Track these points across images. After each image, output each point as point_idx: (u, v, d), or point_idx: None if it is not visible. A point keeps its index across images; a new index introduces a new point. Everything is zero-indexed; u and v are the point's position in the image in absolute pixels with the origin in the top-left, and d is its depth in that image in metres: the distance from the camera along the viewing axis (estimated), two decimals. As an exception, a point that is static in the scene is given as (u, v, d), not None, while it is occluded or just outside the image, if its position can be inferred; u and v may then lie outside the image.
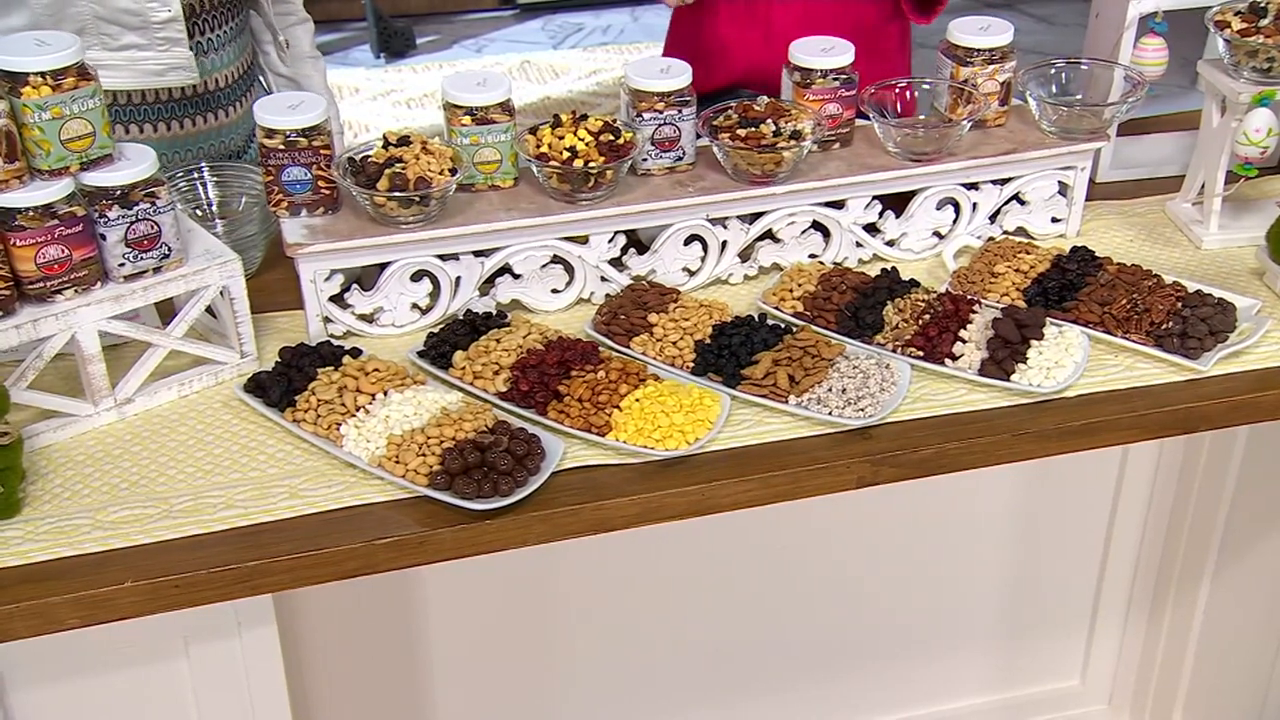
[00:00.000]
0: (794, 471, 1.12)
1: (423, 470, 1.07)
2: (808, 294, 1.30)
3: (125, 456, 1.13)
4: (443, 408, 1.14)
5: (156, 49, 1.30)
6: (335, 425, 1.12)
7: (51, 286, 1.10)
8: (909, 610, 1.71)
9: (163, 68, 1.32)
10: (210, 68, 1.43)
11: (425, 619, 1.46)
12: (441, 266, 1.27)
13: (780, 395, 1.17)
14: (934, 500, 1.61)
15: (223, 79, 1.46)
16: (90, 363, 1.14)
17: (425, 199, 1.23)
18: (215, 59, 1.44)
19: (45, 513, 1.06)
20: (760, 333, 1.22)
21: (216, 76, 1.45)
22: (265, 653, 1.14)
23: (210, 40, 1.41)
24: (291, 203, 1.26)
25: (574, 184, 1.27)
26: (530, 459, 1.08)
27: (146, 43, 1.30)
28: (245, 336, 1.22)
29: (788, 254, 1.38)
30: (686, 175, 1.34)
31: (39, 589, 0.99)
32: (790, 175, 1.33)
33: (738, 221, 1.35)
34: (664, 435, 1.11)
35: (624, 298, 1.29)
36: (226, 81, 1.47)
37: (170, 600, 1.01)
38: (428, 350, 1.23)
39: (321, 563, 1.03)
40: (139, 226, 1.13)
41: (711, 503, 1.11)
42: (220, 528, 1.05)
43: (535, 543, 1.07)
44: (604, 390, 1.15)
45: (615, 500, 1.08)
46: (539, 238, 1.28)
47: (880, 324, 1.26)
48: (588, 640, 1.57)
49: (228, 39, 1.45)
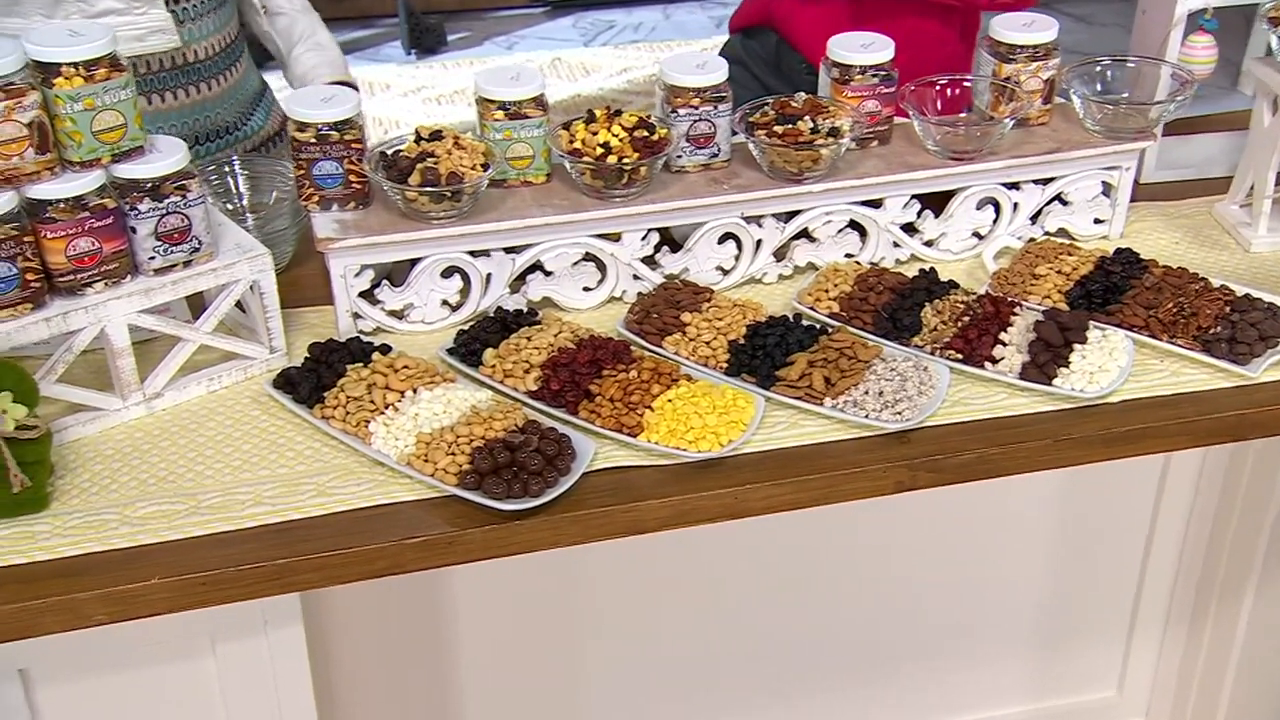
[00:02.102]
0: (829, 475, 1.11)
1: (452, 469, 1.07)
2: (844, 294, 1.29)
3: (154, 451, 1.13)
4: (472, 406, 1.13)
5: (134, 12, 1.28)
6: (364, 422, 1.12)
7: (82, 279, 1.10)
8: (943, 616, 1.69)
9: (142, 32, 1.29)
10: (189, 38, 1.41)
11: (452, 619, 1.46)
12: (472, 263, 1.26)
13: (815, 397, 1.16)
14: (969, 505, 1.59)
15: (203, 50, 1.44)
16: (119, 356, 1.14)
17: (457, 194, 1.22)
18: (195, 29, 1.41)
19: (74, 507, 1.07)
20: (795, 333, 1.21)
21: (196, 48, 1.43)
22: (292, 651, 1.14)
23: (188, 9, 1.39)
24: (322, 197, 1.25)
25: (607, 180, 1.27)
26: (561, 459, 1.07)
27: (124, 6, 1.28)
28: (275, 331, 1.22)
29: (824, 253, 1.37)
30: (721, 172, 1.34)
31: (67, 584, 0.99)
32: (827, 173, 1.32)
33: (773, 220, 1.34)
34: (697, 437, 1.11)
35: (657, 296, 1.28)
36: (208, 53, 1.45)
37: (198, 597, 1.01)
38: (458, 347, 1.23)
39: (350, 561, 1.03)
40: (169, 219, 1.13)
41: (745, 506, 1.10)
42: (248, 525, 1.05)
43: (566, 544, 1.06)
44: (636, 390, 1.14)
45: (647, 502, 1.07)
46: (571, 235, 1.28)
47: (918, 326, 1.25)
48: (616, 642, 1.56)
49: (208, 8, 1.43)
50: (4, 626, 0.98)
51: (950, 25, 1.76)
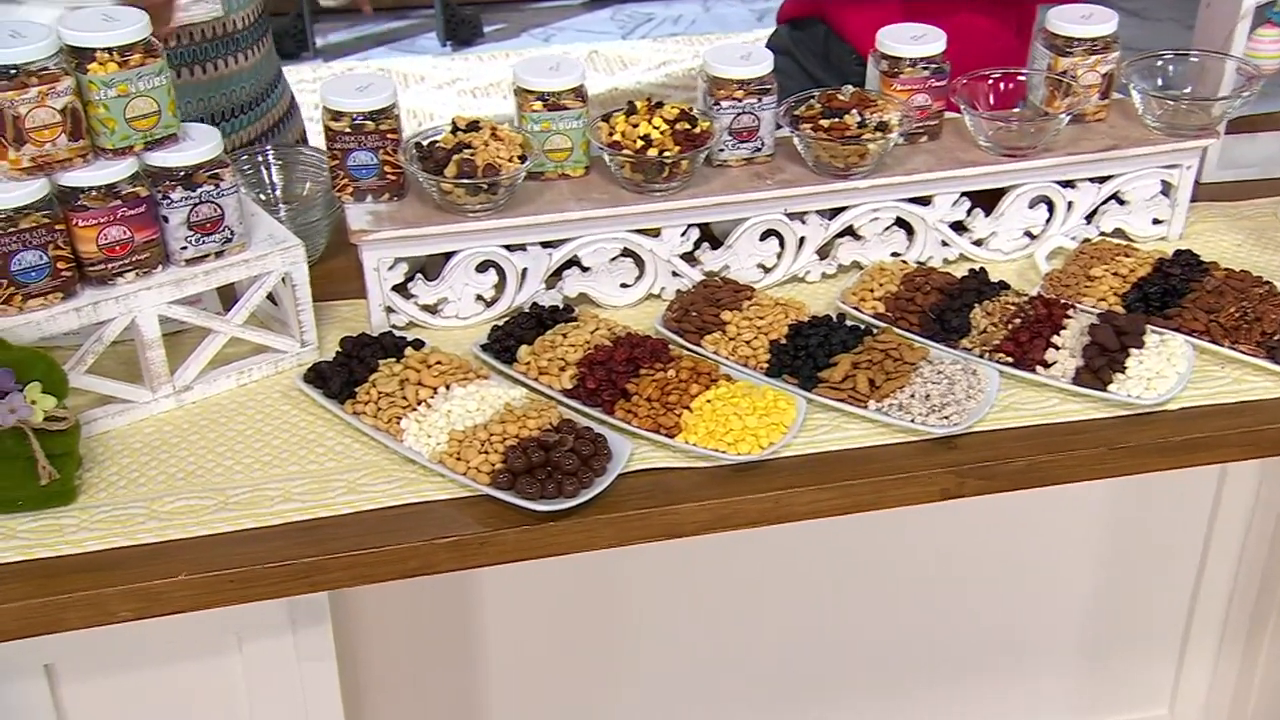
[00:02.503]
0: (874, 481, 1.09)
1: (485, 468, 1.06)
2: (890, 294, 1.28)
3: (183, 445, 1.13)
4: (506, 404, 1.13)
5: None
6: (396, 419, 1.12)
7: (113, 269, 1.11)
8: (988, 628, 1.67)
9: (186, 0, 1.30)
10: (230, 7, 1.42)
11: (482, 621, 1.46)
12: (508, 257, 1.26)
13: (859, 400, 1.15)
14: (1017, 514, 1.56)
15: (241, 20, 1.45)
16: (150, 348, 1.14)
17: (493, 187, 1.22)
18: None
19: (101, 501, 1.07)
20: (839, 334, 1.20)
21: (235, 18, 1.44)
22: (319, 652, 1.14)
23: None
24: (356, 188, 1.25)
25: (647, 174, 1.26)
26: (596, 459, 1.07)
27: None
28: (306, 325, 1.22)
29: (869, 252, 1.36)
30: (765, 167, 1.33)
31: (93, 579, 0.99)
32: (874, 169, 1.31)
33: (817, 217, 1.33)
34: (736, 439, 1.10)
35: (696, 294, 1.28)
36: (245, 23, 1.46)
37: (225, 595, 1.01)
38: (492, 344, 1.22)
39: (380, 561, 1.03)
40: (202, 209, 1.13)
41: (786, 510, 1.09)
42: (277, 522, 1.04)
43: (601, 547, 1.06)
44: (674, 390, 1.13)
45: (685, 505, 1.06)
46: (609, 229, 1.27)
47: (967, 327, 1.23)
48: (650, 647, 1.56)
49: None
50: (29, 621, 0.98)
51: (1005, 20, 1.74)
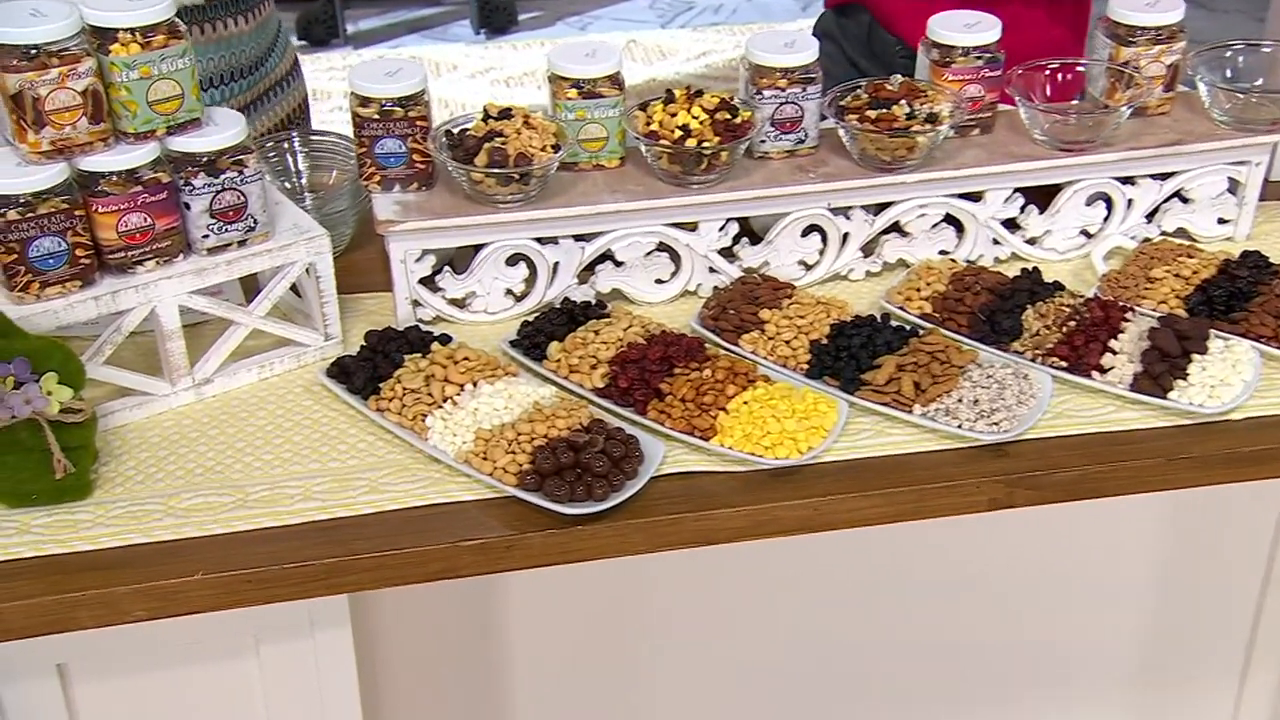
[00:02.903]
0: (918, 490, 1.09)
1: (512, 469, 1.06)
2: (937, 294, 1.27)
3: (201, 440, 1.14)
4: (535, 402, 1.13)
5: None
6: (421, 416, 1.12)
7: (133, 257, 1.11)
8: (1034, 648, 1.64)
9: None
10: None
11: (507, 627, 1.45)
12: (539, 250, 1.26)
13: (904, 404, 1.14)
14: (1069, 527, 1.54)
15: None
16: (169, 339, 1.15)
17: (525, 177, 1.22)
18: None
19: (117, 496, 1.07)
20: (883, 334, 1.20)
21: None
22: (339, 655, 1.14)
23: None
24: (384, 177, 1.25)
25: (685, 166, 1.26)
26: (628, 461, 1.06)
27: None
28: (330, 318, 1.22)
29: (916, 249, 1.35)
30: (808, 160, 1.32)
31: (107, 577, 1.00)
32: (923, 163, 1.30)
33: (862, 212, 1.32)
34: (774, 442, 1.09)
35: (734, 291, 1.27)
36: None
37: (242, 596, 1.01)
38: (521, 340, 1.22)
39: (402, 563, 1.03)
40: (225, 196, 1.13)
41: (826, 518, 1.08)
42: (297, 521, 1.05)
43: (632, 553, 1.05)
44: (709, 390, 1.13)
45: (720, 511, 1.06)
46: (645, 223, 1.27)
47: (1018, 330, 1.22)
48: (679, 655, 1.55)
49: None
50: (41, 619, 0.99)
51: (1057, 12, 1.72)
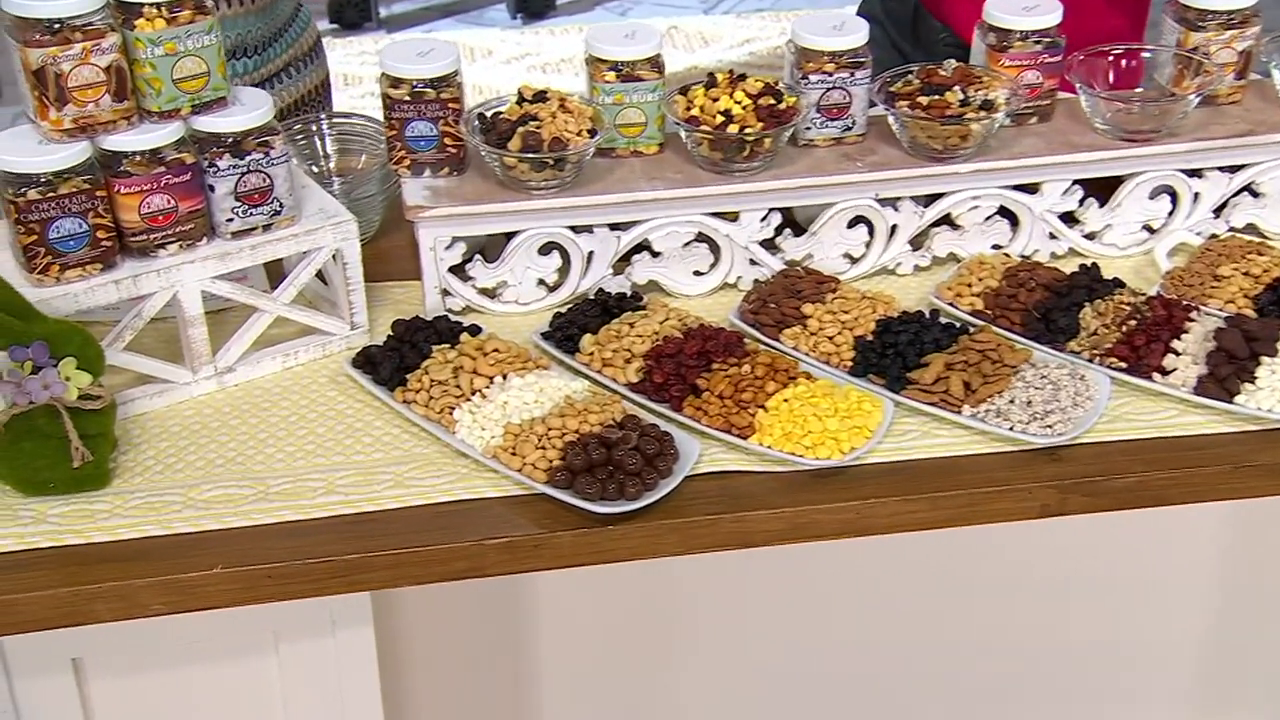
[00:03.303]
0: (967, 494, 1.08)
1: (542, 465, 1.06)
2: (990, 290, 1.26)
3: (223, 430, 1.14)
4: (567, 396, 1.12)
5: None
6: (449, 409, 1.12)
7: (155, 240, 1.12)
8: (1083, 665, 1.63)
9: None
10: None
11: (534, 628, 1.45)
12: (573, 239, 1.25)
13: (953, 404, 1.13)
14: (1124, 537, 1.52)
15: None
16: (191, 325, 1.15)
17: (560, 162, 1.21)
18: None
19: (135, 486, 1.08)
20: (932, 331, 1.19)
21: None
22: (360, 655, 1.14)
23: None
24: (414, 161, 1.25)
25: (727, 153, 1.25)
26: (662, 459, 1.06)
27: None
28: (357, 306, 1.22)
29: (968, 243, 1.34)
30: (855, 148, 1.31)
31: (124, 569, 1.00)
32: (977, 152, 1.29)
33: (911, 203, 1.31)
34: (815, 442, 1.09)
35: (775, 284, 1.27)
36: None
37: (262, 591, 1.02)
38: (553, 332, 1.22)
39: (427, 561, 1.03)
40: (250, 178, 1.13)
41: (868, 522, 1.08)
42: (319, 515, 1.05)
43: (665, 555, 1.05)
44: (748, 387, 1.13)
45: (758, 513, 1.06)
46: (684, 212, 1.26)
47: (1075, 329, 1.21)
48: (713, 661, 1.54)
49: None
50: (56, 612, 0.99)
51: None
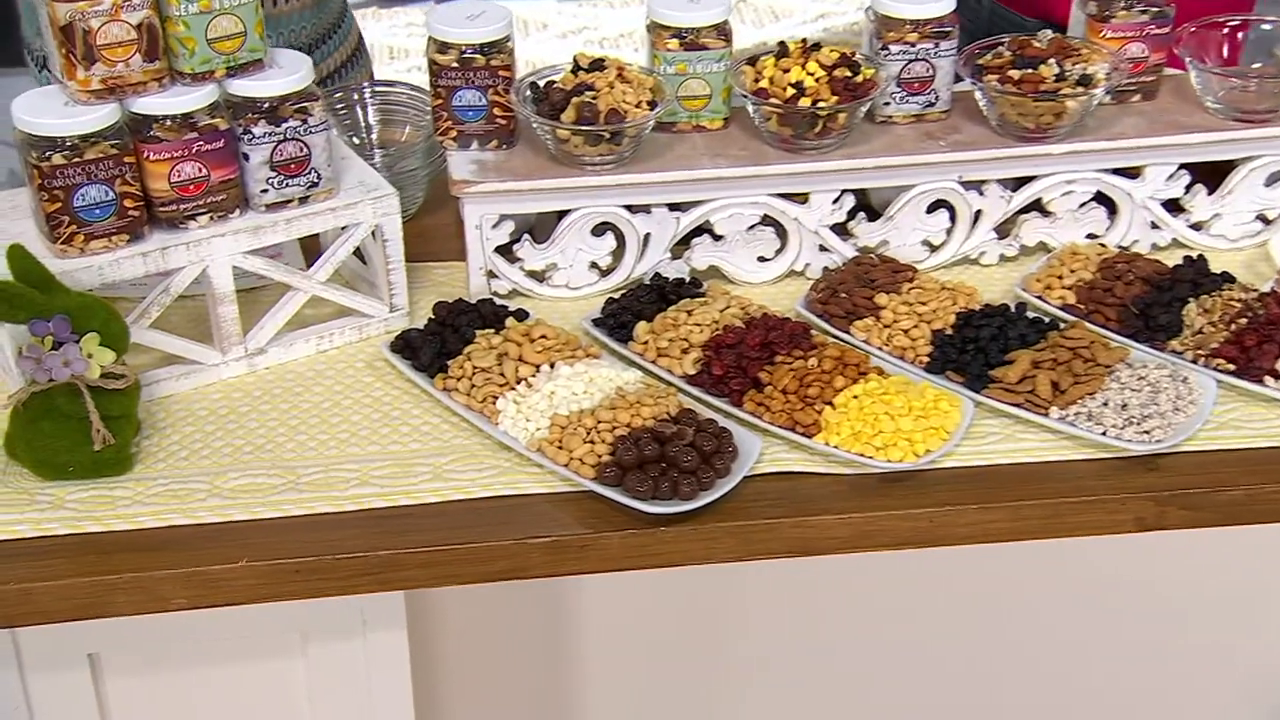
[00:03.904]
0: (1052, 504, 1.07)
1: (590, 460, 1.06)
2: (1083, 282, 1.25)
3: (252, 415, 1.15)
4: (618, 388, 1.12)
5: None
6: (491, 398, 1.12)
7: (185, 210, 1.12)
8: (1164, 696, 1.59)
9: None
10: None
11: (579, 634, 1.45)
12: (629, 219, 1.25)
13: (1039, 406, 1.12)
14: (1225, 555, 1.48)
15: None
16: (221, 303, 1.16)
17: (616, 136, 1.21)
18: None
19: (159, 472, 1.08)
20: (1017, 326, 1.18)
21: None
22: (392, 659, 1.14)
23: None
24: (461, 132, 1.26)
25: (797, 128, 1.24)
26: (719, 457, 1.06)
27: None
28: (397, 286, 1.23)
29: (1060, 231, 1.32)
30: (938, 126, 1.31)
31: (145, 559, 1.01)
32: (1073, 132, 1.28)
33: (998, 187, 1.30)
34: (887, 443, 1.08)
35: (847, 272, 1.26)
36: None
37: (290, 588, 1.02)
38: (605, 319, 1.22)
39: (465, 559, 1.03)
40: (287, 147, 1.14)
41: (942, 532, 1.07)
42: (352, 508, 1.05)
43: (720, 561, 1.05)
44: (815, 382, 1.12)
45: (821, 518, 1.05)
46: (749, 192, 1.26)
47: (1178, 326, 1.19)
48: (771, 672, 1.53)
49: None
50: (73, 603, 1.00)
51: None
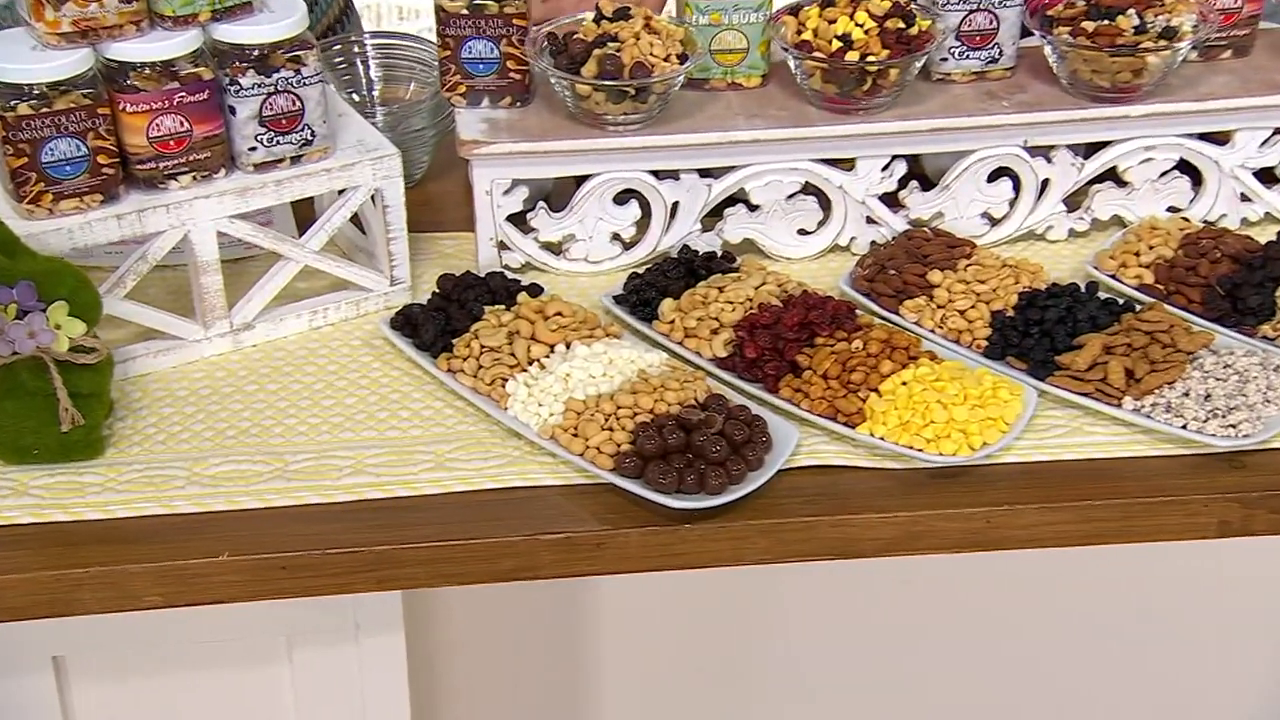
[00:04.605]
0: (1124, 504, 1.06)
1: (608, 449, 1.05)
2: (1163, 260, 1.24)
3: (236, 396, 1.14)
4: (640, 370, 1.12)
5: None
6: (500, 381, 1.12)
7: (165, 169, 1.12)
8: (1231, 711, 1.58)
9: None
10: None
11: (593, 642, 1.44)
12: (655, 186, 1.25)
13: (1112, 396, 1.11)
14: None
15: None
16: (204, 273, 1.15)
17: (642, 93, 1.20)
18: None
19: (133, 457, 1.08)
20: (1088, 308, 1.18)
21: None
22: (388, 666, 1.14)
23: None
24: (471, 87, 1.26)
25: (844, 86, 1.23)
26: (751, 448, 1.05)
27: None
28: (398, 257, 1.22)
29: (1137, 204, 1.32)
30: (1001, 84, 1.30)
31: (115, 552, 1.00)
32: (1154, 91, 1.27)
33: (1068, 153, 1.29)
34: (938, 434, 1.07)
35: (897, 247, 1.26)
36: None
37: (275, 585, 1.02)
38: (628, 295, 1.22)
39: (469, 557, 1.02)
40: (278, 100, 1.13)
41: (999, 534, 1.06)
42: (345, 499, 1.05)
43: (750, 562, 1.04)
44: (859, 366, 1.12)
45: (864, 516, 1.04)
46: (789, 157, 1.25)
47: (1270, 310, 1.19)
48: (805, 682, 1.52)
49: None
50: (37, 599, 0.99)
51: None
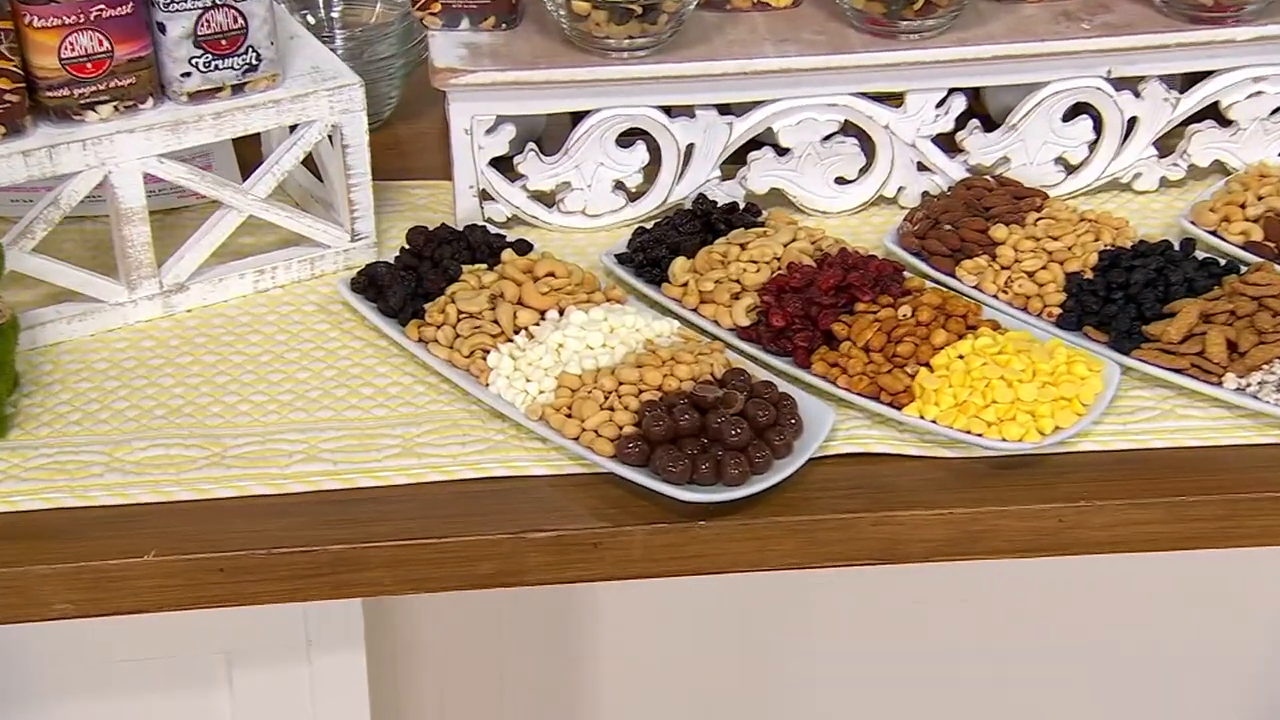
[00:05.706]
0: (1226, 500, 1.05)
1: (608, 432, 1.05)
2: (1273, 213, 1.24)
3: (167, 369, 1.14)
4: (647, 340, 1.12)
5: None
6: (481, 352, 1.11)
7: (80, 97, 1.11)
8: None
9: None
10: None
11: (588, 658, 1.46)
12: (666, 125, 1.25)
13: (1211, 372, 1.11)
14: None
15: None
16: (129, 222, 1.14)
17: (651, 12, 1.20)
18: None
19: (42, 439, 1.07)
20: (1182, 269, 1.18)
21: None
22: (346, 688, 1.15)
23: None
24: (447, 5, 1.25)
25: (891, 5, 1.23)
26: (778, 432, 1.04)
27: None
28: (360, 207, 1.22)
29: (1244, 148, 1.33)
30: (1080, 2, 1.30)
31: (19, 551, 0.99)
32: (1265, 11, 1.27)
33: (1160, 86, 1.29)
34: (1001, 416, 1.07)
35: (954, 199, 1.26)
36: None
37: (211, 592, 1.01)
38: (633, 254, 1.22)
39: (443, 559, 1.01)
40: (216, 16, 1.13)
41: (1074, 535, 1.05)
42: (296, 489, 1.04)
43: (776, 566, 1.03)
44: (908, 337, 1.11)
45: (912, 513, 1.03)
46: (825, 90, 1.25)
47: None
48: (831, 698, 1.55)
49: None
50: (-76, 606, 1.00)
51: None
